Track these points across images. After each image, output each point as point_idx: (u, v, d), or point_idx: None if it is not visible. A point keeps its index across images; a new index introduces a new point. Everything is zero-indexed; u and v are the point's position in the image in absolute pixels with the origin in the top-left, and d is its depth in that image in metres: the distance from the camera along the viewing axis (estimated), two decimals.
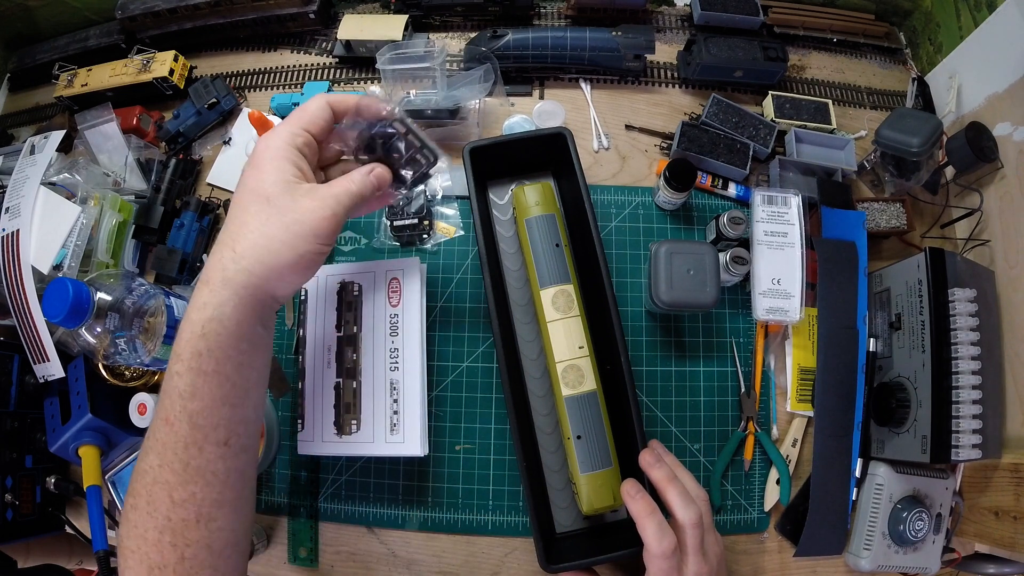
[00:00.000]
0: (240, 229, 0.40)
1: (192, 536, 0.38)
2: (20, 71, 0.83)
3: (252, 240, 0.39)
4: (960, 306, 0.55)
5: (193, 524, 0.38)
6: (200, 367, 0.38)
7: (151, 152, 0.72)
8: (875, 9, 0.78)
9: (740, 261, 0.59)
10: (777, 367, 0.64)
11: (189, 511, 0.38)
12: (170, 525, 0.37)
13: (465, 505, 0.61)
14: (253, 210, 0.40)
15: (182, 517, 0.37)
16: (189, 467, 0.38)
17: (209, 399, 0.38)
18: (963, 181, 0.66)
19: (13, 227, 0.61)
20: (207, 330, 0.38)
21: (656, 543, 0.43)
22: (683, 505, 0.45)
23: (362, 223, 0.69)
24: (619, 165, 0.71)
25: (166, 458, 0.38)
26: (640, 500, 0.45)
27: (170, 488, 0.37)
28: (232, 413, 0.40)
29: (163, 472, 0.37)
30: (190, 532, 0.38)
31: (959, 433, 0.53)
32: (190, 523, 0.38)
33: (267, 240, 0.39)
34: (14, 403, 0.61)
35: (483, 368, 0.64)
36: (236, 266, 0.39)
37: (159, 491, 0.37)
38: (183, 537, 0.38)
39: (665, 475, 0.46)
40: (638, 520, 0.44)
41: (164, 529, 0.37)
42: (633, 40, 0.70)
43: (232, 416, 0.40)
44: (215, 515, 0.39)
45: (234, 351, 0.39)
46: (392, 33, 0.72)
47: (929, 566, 0.57)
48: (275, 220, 0.40)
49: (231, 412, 0.39)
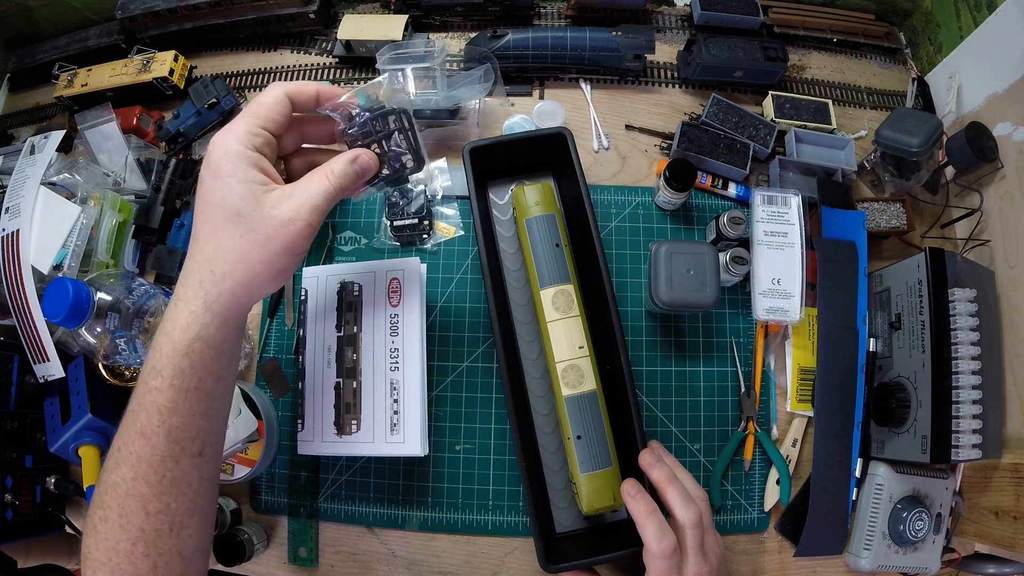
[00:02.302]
0: (216, 250, 0.38)
1: (165, 545, 0.38)
2: (20, 71, 0.83)
3: (230, 261, 0.38)
4: (960, 306, 0.55)
5: (167, 534, 0.38)
6: (183, 384, 0.37)
7: (151, 152, 0.72)
8: (875, 9, 0.78)
9: (740, 261, 0.59)
10: (777, 367, 0.64)
11: (163, 521, 0.37)
12: (144, 536, 0.37)
13: (465, 505, 0.61)
14: (225, 228, 0.38)
15: (156, 527, 0.37)
16: (165, 479, 0.37)
17: (188, 413, 0.38)
18: (963, 181, 0.66)
19: (13, 227, 0.61)
20: (192, 349, 0.37)
21: (656, 543, 0.43)
22: (683, 505, 0.45)
23: (362, 223, 0.69)
24: (619, 165, 0.71)
25: (141, 471, 0.37)
26: (640, 500, 0.45)
27: (144, 500, 0.37)
28: (208, 424, 0.39)
29: (137, 485, 0.37)
30: (163, 541, 0.38)
31: (959, 433, 0.53)
32: (163, 533, 0.38)
33: (245, 261, 0.38)
34: (14, 403, 0.61)
35: (483, 368, 0.64)
36: (218, 289, 0.38)
37: (132, 503, 0.37)
38: (156, 547, 0.37)
39: (665, 475, 0.46)
40: (638, 520, 0.44)
41: (137, 540, 0.37)
42: (633, 40, 0.70)
43: (208, 427, 0.40)
44: (187, 523, 0.39)
45: (215, 366, 0.39)
46: (392, 33, 0.72)
47: (929, 566, 0.57)
48: (250, 238, 0.37)
49: (207, 424, 0.39)
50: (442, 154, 0.71)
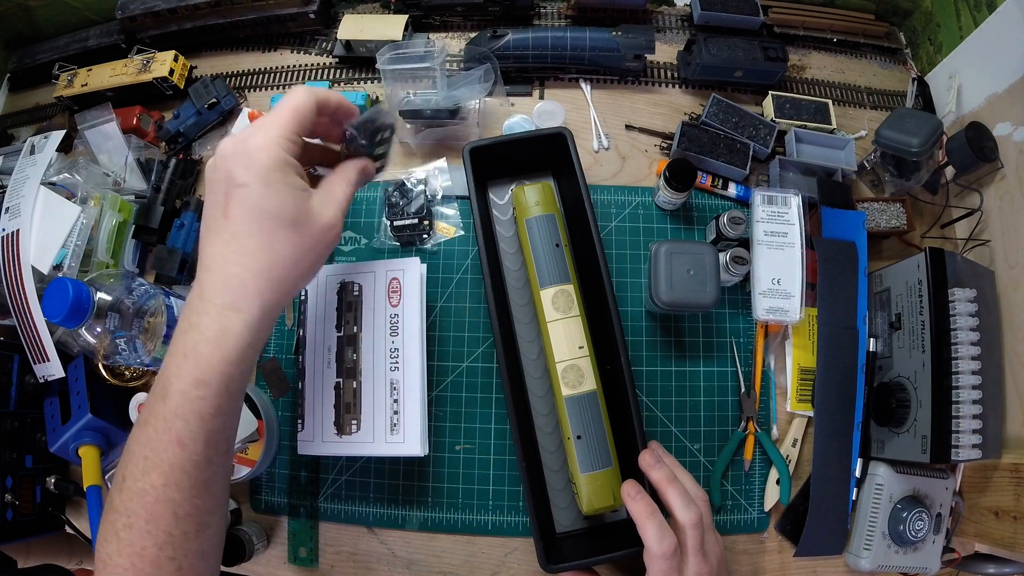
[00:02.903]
0: (273, 258, 0.38)
1: (191, 546, 0.38)
2: (20, 71, 0.83)
3: (287, 267, 0.39)
4: (960, 306, 0.55)
5: (193, 535, 0.38)
6: (229, 390, 0.38)
7: (151, 152, 0.72)
8: (875, 9, 0.78)
9: (740, 261, 0.59)
10: (777, 367, 0.64)
11: (191, 523, 0.38)
12: (171, 540, 0.37)
13: (465, 505, 0.61)
14: (279, 235, 0.38)
15: (184, 530, 0.37)
16: (197, 483, 0.37)
17: (228, 415, 0.38)
18: (963, 181, 0.66)
19: (13, 227, 0.61)
20: (243, 356, 0.38)
21: (656, 544, 0.43)
22: (683, 506, 0.45)
23: (362, 223, 0.69)
24: (619, 165, 0.71)
25: (173, 477, 0.37)
26: (640, 501, 0.45)
27: (175, 505, 0.37)
28: (234, 422, 0.40)
29: (168, 491, 0.37)
30: (189, 543, 0.38)
31: (959, 433, 0.53)
32: (190, 535, 0.38)
33: (300, 266, 0.39)
34: (14, 403, 0.61)
35: (483, 368, 0.64)
36: (276, 296, 0.38)
37: (162, 508, 0.37)
38: (182, 549, 0.37)
39: (665, 476, 0.46)
40: (638, 521, 0.44)
41: (164, 544, 0.37)
42: (633, 40, 0.70)
43: (234, 424, 0.40)
44: (211, 521, 0.39)
45: (251, 365, 0.40)
46: (392, 33, 0.72)
47: (929, 566, 0.57)
48: (302, 244, 0.39)
49: (235, 421, 0.40)
50: (442, 154, 0.71)
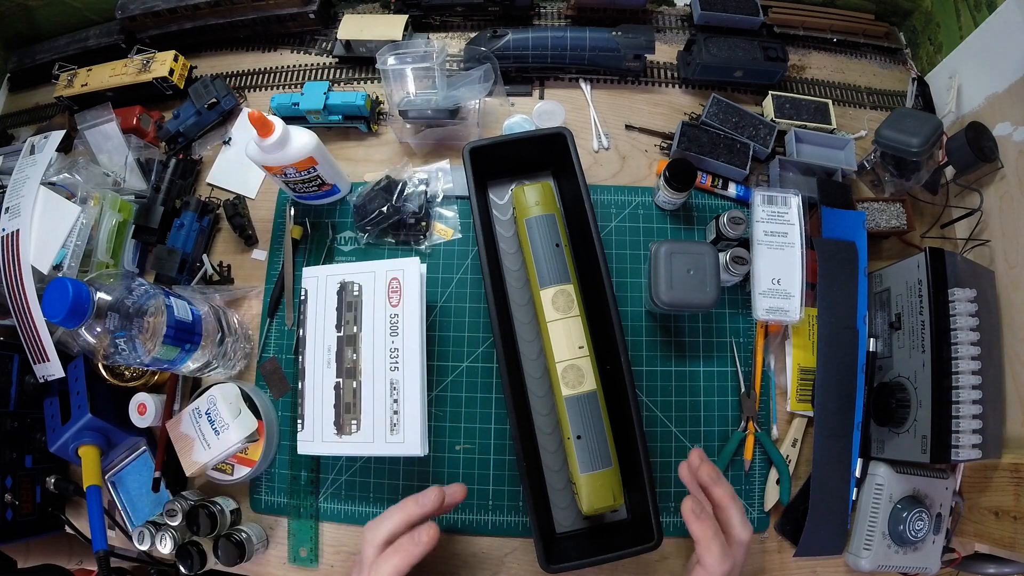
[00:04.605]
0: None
1: None
2: (20, 71, 0.83)
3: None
4: (960, 306, 0.55)
5: None
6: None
7: (151, 152, 0.72)
8: (875, 9, 0.78)
9: (740, 261, 0.59)
10: (777, 367, 0.64)
11: None
12: None
13: (465, 505, 0.61)
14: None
15: None
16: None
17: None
18: (963, 181, 0.66)
19: (13, 227, 0.61)
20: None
21: (718, 564, 0.44)
22: (741, 524, 0.47)
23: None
24: (619, 165, 0.71)
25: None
26: (706, 520, 0.46)
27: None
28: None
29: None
30: None
31: (959, 433, 0.53)
32: None
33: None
34: (14, 403, 0.61)
35: (483, 368, 0.64)
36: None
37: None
38: None
39: (729, 493, 0.48)
40: (702, 540, 0.45)
41: None
42: (633, 40, 0.70)
43: None
44: None
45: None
46: (392, 33, 0.72)
47: (929, 566, 0.57)
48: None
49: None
50: (442, 154, 0.71)
